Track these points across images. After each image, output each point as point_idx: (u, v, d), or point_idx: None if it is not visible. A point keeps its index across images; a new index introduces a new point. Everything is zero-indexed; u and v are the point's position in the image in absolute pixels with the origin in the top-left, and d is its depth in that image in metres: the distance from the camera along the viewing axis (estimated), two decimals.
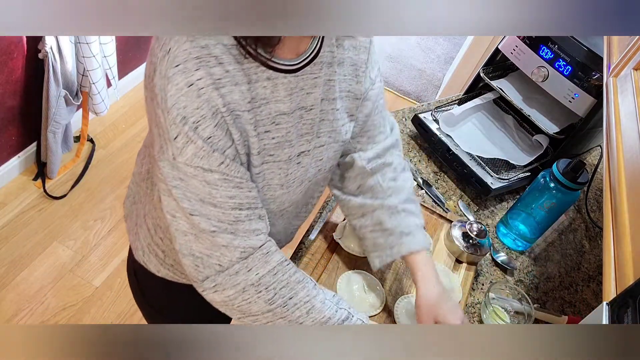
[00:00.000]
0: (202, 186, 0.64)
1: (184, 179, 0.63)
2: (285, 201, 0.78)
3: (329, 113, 0.77)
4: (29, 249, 1.92)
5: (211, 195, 0.64)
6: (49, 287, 1.84)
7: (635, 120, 0.70)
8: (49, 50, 1.77)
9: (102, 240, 2.01)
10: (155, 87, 0.60)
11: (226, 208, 0.66)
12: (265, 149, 0.69)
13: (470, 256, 1.07)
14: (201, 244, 0.68)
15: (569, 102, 1.19)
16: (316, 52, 0.69)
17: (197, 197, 0.64)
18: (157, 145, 0.64)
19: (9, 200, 2.05)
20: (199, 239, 0.68)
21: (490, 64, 1.39)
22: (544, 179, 1.10)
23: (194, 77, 0.58)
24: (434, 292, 0.84)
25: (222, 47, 0.60)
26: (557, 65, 1.19)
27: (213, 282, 0.70)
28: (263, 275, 0.70)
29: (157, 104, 0.60)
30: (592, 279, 1.21)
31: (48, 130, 1.97)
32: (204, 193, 0.64)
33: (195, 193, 0.64)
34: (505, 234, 1.21)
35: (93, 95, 2.08)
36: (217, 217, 0.66)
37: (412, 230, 0.87)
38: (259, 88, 0.64)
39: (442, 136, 1.32)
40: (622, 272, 0.56)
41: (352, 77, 0.78)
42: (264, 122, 0.67)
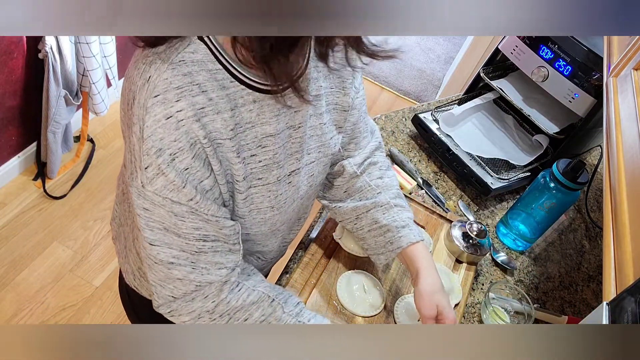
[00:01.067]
0: (168, 216, 0.62)
1: (149, 209, 0.61)
2: (277, 222, 0.77)
3: (318, 128, 0.76)
4: (29, 249, 1.92)
5: (176, 226, 0.63)
6: (49, 287, 1.84)
7: (635, 120, 0.70)
8: (49, 50, 1.77)
9: (102, 240, 2.01)
10: (133, 116, 0.58)
11: (190, 239, 0.65)
12: (252, 173, 0.68)
13: (470, 256, 1.07)
14: (155, 274, 0.68)
15: (569, 102, 1.19)
16: (303, 69, 0.67)
17: (161, 226, 0.63)
18: (129, 170, 0.62)
19: (9, 200, 2.05)
20: (153, 269, 0.67)
21: (490, 64, 1.39)
22: (544, 179, 1.10)
23: (174, 109, 0.57)
24: (436, 280, 0.83)
25: (206, 74, 0.59)
26: (557, 65, 1.19)
27: (169, 308, 0.71)
28: (218, 303, 0.70)
29: (133, 132, 0.59)
30: (592, 279, 1.21)
31: (48, 130, 1.97)
32: (169, 223, 0.63)
33: (160, 222, 0.63)
34: (505, 234, 1.21)
35: (93, 95, 2.08)
36: (180, 246, 0.65)
37: (408, 223, 0.88)
38: (245, 112, 0.63)
39: (442, 136, 1.32)
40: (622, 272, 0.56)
41: (338, 90, 0.78)
42: (249, 147, 0.66)
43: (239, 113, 0.62)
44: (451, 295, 1.01)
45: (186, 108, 0.57)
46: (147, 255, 0.67)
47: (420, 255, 0.85)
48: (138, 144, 0.58)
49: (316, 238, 1.05)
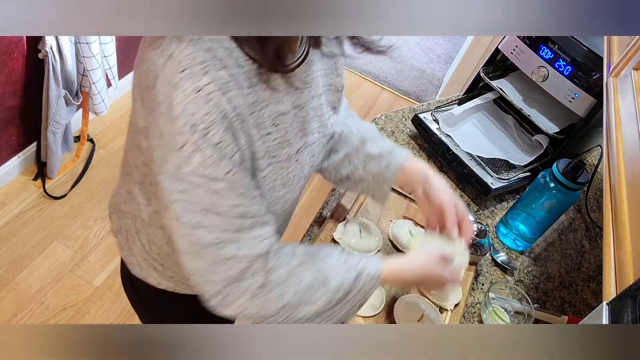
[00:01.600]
0: (207, 195, 0.61)
1: (186, 190, 0.60)
2: (288, 200, 0.78)
3: (318, 109, 0.77)
4: (29, 249, 1.92)
5: (214, 205, 0.62)
6: (49, 287, 1.84)
7: (635, 120, 0.70)
8: (49, 50, 1.77)
9: (102, 240, 2.01)
10: (158, 96, 0.57)
11: (230, 217, 0.63)
12: (268, 151, 0.68)
13: (470, 256, 1.07)
14: (203, 261, 0.65)
15: (569, 102, 1.19)
16: (307, 51, 0.69)
17: (200, 208, 0.61)
18: (157, 157, 0.61)
19: (9, 200, 2.05)
20: (200, 256, 0.65)
21: (490, 64, 1.39)
22: (544, 179, 1.10)
23: (202, 82, 0.56)
24: (444, 182, 0.87)
25: (224, 50, 0.58)
26: (557, 65, 1.19)
27: (221, 295, 0.68)
28: (266, 275, 0.68)
29: (159, 113, 0.58)
30: (592, 279, 1.21)
31: (48, 130, 1.97)
32: (208, 203, 0.61)
33: (199, 203, 0.61)
34: (505, 234, 1.21)
35: (93, 95, 2.08)
36: (221, 226, 0.63)
37: (395, 146, 0.92)
38: (260, 91, 0.63)
39: (442, 136, 1.32)
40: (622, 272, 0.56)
41: (332, 71, 0.80)
42: (265, 125, 0.66)
43: (255, 91, 0.62)
44: (451, 295, 1.01)
45: (212, 82, 0.56)
46: (190, 243, 0.64)
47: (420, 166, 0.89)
48: (167, 125, 0.57)
49: (316, 238, 1.05)
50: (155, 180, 0.63)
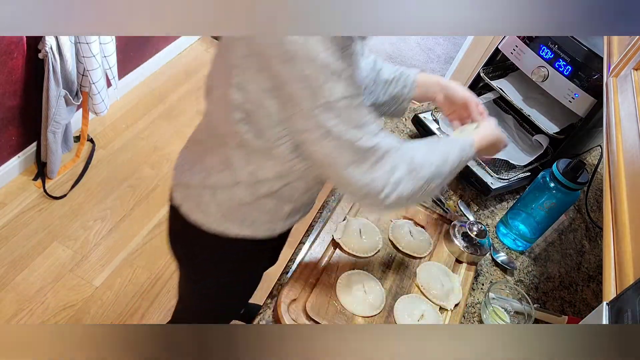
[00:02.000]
0: (355, 113, 0.72)
1: (340, 114, 0.70)
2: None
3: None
4: (29, 249, 1.92)
5: (361, 118, 0.73)
6: (49, 287, 1.84)
7: (635, 120, 0.70)
8: (49, 50, 1.77)
9: (102, 240, 2.01)
10: (290, 45, 0.65)
11: (370, 123, 0.75)
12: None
13: (470, 256, 1.07)
14: (368, 161, 0.75)
15: (569, 102, 1.19)
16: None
17: (353, 125, 0.72)
18: (305, 99, 0.69)
19: (9, 200, 2.04)
20: (365, 158, 0.75)
21: (490, 64, 1.39)
22: (543, 179, 1.10)
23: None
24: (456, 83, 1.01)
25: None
26: (557, 65, 1.19)
27: (389, 187, 0.78)
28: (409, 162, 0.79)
29: (298, 59, 0.66)
30: (592, 279, 1.21)
31: (48, 130, 1.97)
32: (357, 120, 0.72)
33: (351, 121, 0.71)
34: (505, 234, 1.21)
35: (93, 95, 2.08)
36: (371, 131, 0.74)
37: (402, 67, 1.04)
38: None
39: (442, 136, 1.32)
40: (622, 272, 0.56)
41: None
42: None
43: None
44: (451, 295, 1.01)
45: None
46: (354, 151, 0.74)
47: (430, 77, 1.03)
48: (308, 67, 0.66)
49: (316, 238, 1.05)
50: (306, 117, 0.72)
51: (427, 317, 0.95)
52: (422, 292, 1.00)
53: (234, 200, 0.89)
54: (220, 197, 0.90)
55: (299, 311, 0.91)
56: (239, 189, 0.88)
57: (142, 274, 1.94)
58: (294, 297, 0.93)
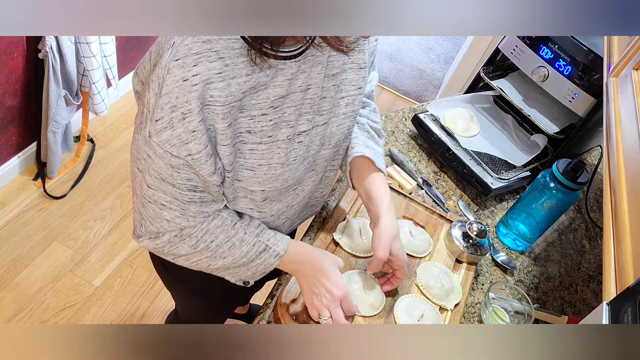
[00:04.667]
0: (166, 168, 0.69)
1: (151, 157, 0.68)
2: (289, 178, 0.82)
3: (330, 90, 0.80)
4: (29, 249, 1.92)
5: (172, 177, 0.70)
6: (49, 287, 1.84)
7: (635, 120, 0.70)
8: (49, 50, 1.77)
9: (102, 240, 2.01)
10: (154, 75, 0.65)
11: (183, 189, 0.72)
12: (262, 131, 0.73)
13: (470, 256, 1.07)
14: (146, 211, 0.76)
15: (569, 102, 1.19)
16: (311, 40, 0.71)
17: (158, 175, 0.70)
18: (138, 120, 0.69)
19: (9, 200, 2.05)
20: (146, 206, 0.75)
21: (490, 64, 1.39)
22: (544, 179, 1.10)
23: (190, 73, 0.63)
24: (395, 226, 0.88)
25: (224, 42, 0.64)
26: (557, 65, 1.19)
27: (148, 237, 0.80)
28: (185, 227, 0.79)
29: (151, 88, 0.65)
30: (592, 279, 1.21)
31: (48, 130, 1.97)
32: (166, 174, 0.70)
33: (158, 172, 0.70)
34: (505, 234, 1.21)
35: (93, 95, 2.08)
36: (173, 194, 0.73)
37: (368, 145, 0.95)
38: (261, 77, 0.69)
39: (442, 136, 1.32)
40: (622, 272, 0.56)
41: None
42: (260, 106, 0.71)
43: (256, 78, 0.68)
44: (451, 295, 1.01)
45: (201, 72, 0.63)
46: (143, 194, 0.74)
47: (380, 196, 0.90)
48: (155, 98, 0.65)
49: (316, 238, 1.05)
50: (134, 137, 0.72)
51: (427, 317, 0.95)
52: (422, 292, 1.00)
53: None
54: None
55: (298, 311, 0.91)
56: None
57: (142, 274, 1.94)
58: (294, 297, 0.93)
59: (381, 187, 0.91)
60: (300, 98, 0.75)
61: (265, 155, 0.76)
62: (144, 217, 0.78)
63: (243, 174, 0.77)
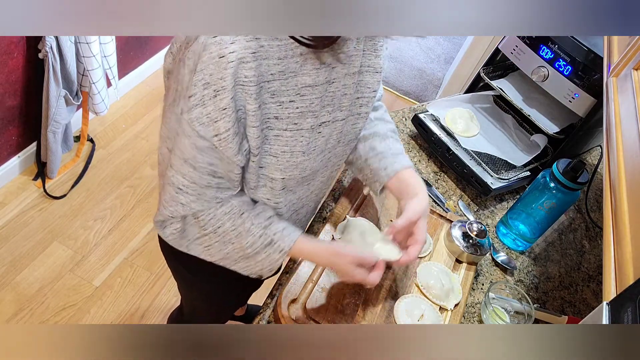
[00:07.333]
0: (190, 148, 0.70)
1: (179, 134, 0.70)
2: (307, 168, 0.84)
3: (350, 87, 0.81)
4: (29, 249, 1.92)
5: (194, 159, 0.71)
6: (49, 287, 1.84)
7: (635, 120, 0.70)
8: (49, 50, 1.77)
9: (102, 240, 2.01)
10: (189, 52, 0.66)
11: (203, 172, 0.73)
12: (289, 117, 0.74)
13: (470, 256, 1.07)
14: (164, 193, 0.78)
15: (569, 102, 1.19)
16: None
17: (182, 155, 0.72)
18: (171, 98, 0.71)
19: (9, 200, 2.05)
20: (164, 188, 0.77)
21: (490, 64, 1.39)
22: (544, 179, 1.10)
23: (227, 50, 0.63)
24: (427, 207, 0.89)
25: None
26: (557, 65, 1.19)
27: (161, 224, 0.83)
28: (198, 211, 0.80)
29: (186, 65, 0.66)
30: (592, 279, 1.21)
31: (48, 130, 1.97)
32: (189, 154, 0.71)
33: (182, 151, 0.71)
34: (505, 234, 1.21)
35: (93, 95, 2.08)
36: (192, 178, 0.74)
37: (402, 152, 0.97)
38: (291, 63, 0.70)
39: (442, 136, 1.32)
40: (622, 272, 0.56)
41: (371, 52, 0.83)
42: (289, 93, 0.72)
43: (286, 63, 0.69)
44: (451, 295, 1.01)
45: (238, 50, 0.64)
46: (166, 174, 0.76)
47: (416, 180, 0.93)
48: (189, 75, 0.65)
49: (316, 237, 1.05)
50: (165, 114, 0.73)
51: (427, 317, 0.95)
52: (422, 292, 1.00)
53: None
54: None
55: (299, 311, 0.91)
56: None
57: (142, 274, 1.94)
58: (294, 297, 0.93)
59: (415, 175, 0.94)
60: (324, 90, 0.77)
61: (289, 143, 0.77)
62: (161, 201, 0.79)
63: (266, 160, 0.78)
